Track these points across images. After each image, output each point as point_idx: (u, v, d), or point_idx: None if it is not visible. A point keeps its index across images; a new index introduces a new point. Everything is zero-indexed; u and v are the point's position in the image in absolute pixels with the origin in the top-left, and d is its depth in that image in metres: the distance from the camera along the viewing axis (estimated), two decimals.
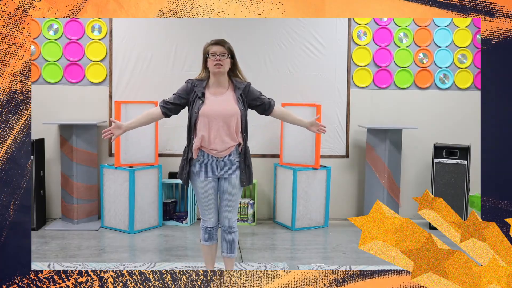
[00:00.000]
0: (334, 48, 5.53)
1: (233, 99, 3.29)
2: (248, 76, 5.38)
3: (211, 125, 3.23)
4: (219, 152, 3.25)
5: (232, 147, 3.27)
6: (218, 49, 3.23)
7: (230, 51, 3.28)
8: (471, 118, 5.61)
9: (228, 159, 3.27)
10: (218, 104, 3.25)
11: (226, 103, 3.26)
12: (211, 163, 3.27)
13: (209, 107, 3.23)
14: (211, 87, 3.31)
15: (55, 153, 5.38)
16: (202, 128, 3.23)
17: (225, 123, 3.23)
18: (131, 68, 5.39)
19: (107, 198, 5.10)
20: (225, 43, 3.29)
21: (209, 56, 3.24)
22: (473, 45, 5.63)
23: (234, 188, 3.32)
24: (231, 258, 3.47)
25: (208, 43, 3.31)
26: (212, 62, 3.22)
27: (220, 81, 3.29)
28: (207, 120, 3.23)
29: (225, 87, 3.32)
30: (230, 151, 3.27)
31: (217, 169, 3.27)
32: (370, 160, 5.36)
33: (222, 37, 5.83)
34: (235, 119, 3.25)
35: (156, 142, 5.23)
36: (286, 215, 5.31)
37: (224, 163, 3.27)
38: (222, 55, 3.22)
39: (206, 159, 3.27)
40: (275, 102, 3.47)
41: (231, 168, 3.29)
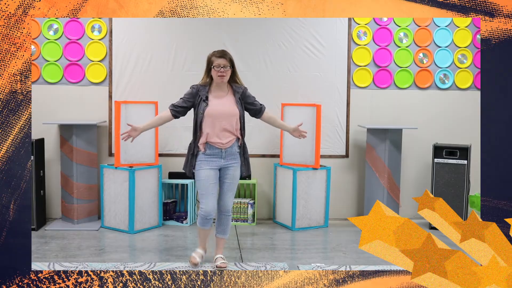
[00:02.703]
0: (334, 48, 5.52)
1: (233, 101, 3.83)
2: (248, 76, 5.41)
3: (215, 123, 3.75)
4: (223, 144, 3.77)
5: (233, 139, 3.81)
6: (222, 62, 3.74)
7: (231, 62, 3.80)
8: (471, 118, 5.60)
9: (230, 150, 3.81)
10: (220, 106, 3.79)
11: (228, 105, 3.81)
12: (216, 154, 3.78)
13: (213, 108, 3.77)
14: (213, 91, 3.84)
15: (55, 153, 5.38)
16: (207, 126, 3.76)
17: (227, 121, 3.77)
18: (131, 68, 5.39)
19: (107, 198, 5.10)
20: (227, 55, 3.79)
21: (214, 67, 3.74)
22: (473, 45, 5.63)
23: (235, 175, 3.85)
24: (224, 238, 4.02)
25: (212, 54, 3.80)
26: (216, 73, 3.74)
27: (221, 86, 3.84)
28: (211, 119, 3.75)
29: (225, 91, 3.86)
30: (232, 143, 3.81)
31: (221, 158, 3.80)
32: (370, 160, 5.36)
33: (222, 37, 5.84)
34: (235, 119, 3.80)
35: (156, 142, 5.23)
36: (286, 215, 5.31)
37: (227, 153, 3.80)
38: (225, 67, 3.74)
39: (211, 151, 3.78)
40: (265, 108, 4.00)
41: (233, 157, 3.83)
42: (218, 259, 3.99)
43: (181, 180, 5.42)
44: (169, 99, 5.70)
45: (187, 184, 5.40)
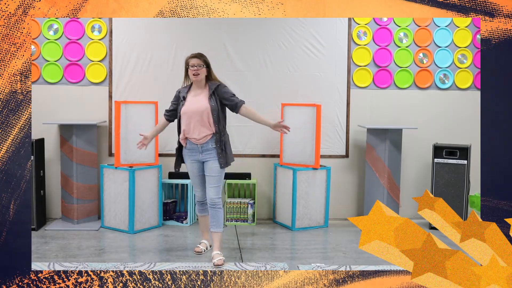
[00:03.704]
0: (334, 48, 5.52)
1: (206, 97, 4.07)
2: (248, 76, 5.42)
3: (189, 120, 4.05)
4: (198, 140, 4.06)
5: (208, 135, 4.05)
6: (195, 61, 4.06)
7: (206, 62, 4.10)
8: (471, 118, 5.60)
9: (206, 146, 4.07)
10: (193, 103, 4.07)
11: (200, 101, 4.06)
12: (194, 148, 4.11)
13: (187, 107, 4.07)
14: (192, 91, 4.15)
15: (55, 153, 5.38)
16: (184, 123, 4.08)
17: (200, 117, 4.03)
18: (131, 68, 5.39)
19: (107, 198, 5.10)
20: (201, 56, 4.10)
21: (189, 67, 4.09)
22: (473, 45, 5.63)
23: (212, 168, 4.06)
24: (217, 232, 4.13)
25: (188, 57, 4.13)
26: (191, 72, 4.08)
27: (199, 85, 4.12)
28: (186, 116, 4.06)
29: (202, 89, 4.13)
30: (207, 139, 4.06)
31: (199, 153, 4.10)
32: (370, 160, 5.36)
33: (222, 37, 5.87)
34: (206, 113, 4.02)
35: (156, 142, 5.23)
36: (286, 215, 5.31)
37: (203, 149, 4.08)
38: (199, 66, 4.05)
39: (191, 146, 4.12)
40: (243, 103, 4.11)
41: (209, 153, 4.07)
42: (215, 255, 4.08)
43: (181, 180, 5.42)
44: (169, 99, 5.70)
45: (187, 184, 5.39)
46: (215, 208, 4.10)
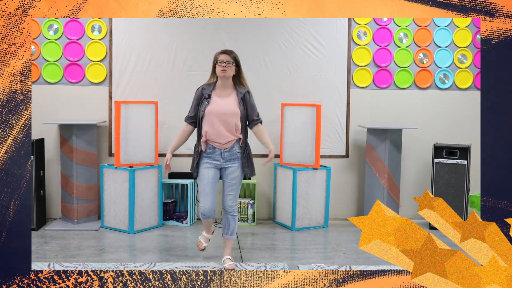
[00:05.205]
0: (334, 48, 5.52)
1: (235, 101, 3.84)
2: (248, 76, 5.39)
3: (214, 122, 3.77)
4: (222, 144, 3.80)
5: (233, 140, 3.82)
6: (224, 58, 3.79)
7: (236, 60, 3.84)
8: (471, 118, 5.60)
9: (230, 150, 3.82)
10: (221, 105, 3.81)
11: (229, 104, 3.81)
12: (215, 154, 3.81)
13: (213, 107, 3.80)
14: (217, 89, 3.86)
15: (55, 153, 5.38)
16: (207, 124, 3.79)
17: (226, 121, 3.78)
18: (131, 68, 5.39)
19: (107, 198, 5.10)
20: (231, 53, 3.84)
21: (218, 63, 3.80)
22: (473, 45, 5.63)
23: (235, 175, 3.85)
24: (230, 239, 4.02)
25: (217, 52, 3.86)
26: (219, 68, 3.79)
27: (226, 85, 3.85)
28: (212, 118, 3.78)
29: (229, 91, 3.87)
30: (232, 144, 3.82)
31: (220, 159, 3.82)
32: (370, 160, 5.36)
33: (222, 37, 5.86)
34: (236, 118, 3.80)
35: (156, 142, 5.23)
36: (286, 215, 5.31)
37: (227, 154, 3.82)
38: (228, 63, 3.78)
39: (212, 150, 3.82)
40: (260, 122, 3.94)
41: (233, 158, 3.84)
42: (226, 260, 4.00)
43: (181, 180, 5.42)
44: (169, 99, 5.69)
45: (187, 184, 5.39)
46: (232, 215, 3.93)
